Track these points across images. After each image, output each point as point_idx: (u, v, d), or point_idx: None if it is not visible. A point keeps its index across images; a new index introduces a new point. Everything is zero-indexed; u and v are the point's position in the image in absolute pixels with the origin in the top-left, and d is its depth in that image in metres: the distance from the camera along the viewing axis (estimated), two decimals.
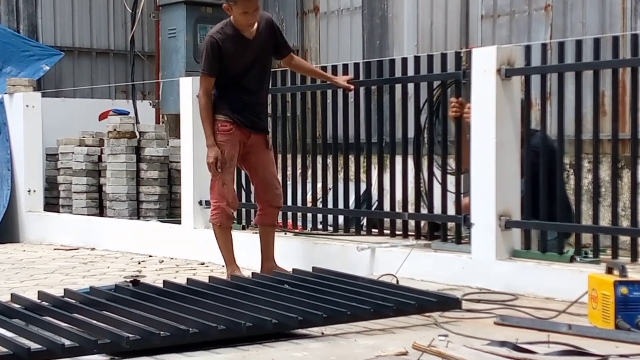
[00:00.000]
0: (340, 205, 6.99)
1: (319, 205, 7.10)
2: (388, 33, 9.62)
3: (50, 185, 9.93)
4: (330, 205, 7.03)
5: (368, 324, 4.46)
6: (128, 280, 5.26)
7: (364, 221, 7.09)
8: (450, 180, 6.13)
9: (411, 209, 6.58)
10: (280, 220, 7.44)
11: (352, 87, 6.35)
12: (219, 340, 4.02)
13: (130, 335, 3.88)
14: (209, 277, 5.33)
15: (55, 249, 8.45)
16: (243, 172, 6.87)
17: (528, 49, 5.79)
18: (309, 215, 7.16)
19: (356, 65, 6.75)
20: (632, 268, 4.70)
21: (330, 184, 7.12)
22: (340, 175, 7.18)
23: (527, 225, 5.65)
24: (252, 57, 5.88)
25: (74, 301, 4.66)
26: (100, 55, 12.20)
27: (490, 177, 5.60)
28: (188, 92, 7.47)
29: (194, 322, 4.06)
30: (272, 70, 6.29)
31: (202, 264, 7.15)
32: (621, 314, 4.22)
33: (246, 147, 5.94)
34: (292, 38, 10.62)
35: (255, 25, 5.86)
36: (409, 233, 6.51)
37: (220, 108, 5.86)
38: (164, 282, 5.16)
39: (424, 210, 6.37)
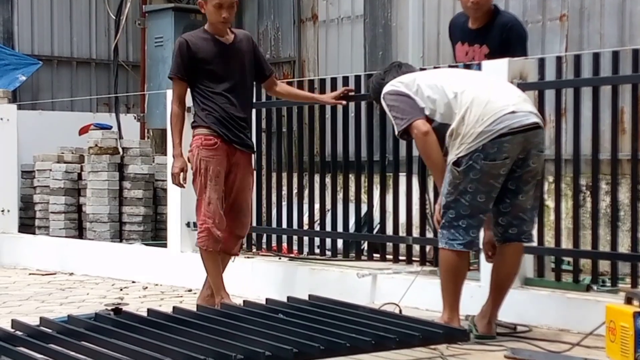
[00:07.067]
0: (340, 228, 7.01)
1: (317, 228, 7.11)
2: (392, 43, 9.65)
3: (26, 204, 9.93)
4: (328, 228, 7.04)
5: (369, 357, 4.46)
6: (109, 308, 5.27)
7: (365, 245, 7.10)
8: None
9: (416, 232, 6.59)
10: (274, 244, 7.44)
11: (344, 102, 6.35)
12: None
13: None
14: (197, 305, 5.33)
15: (30, 274, 8.44)
16: None
17: (542, 62, 5.82)
18: (306, 238, 7.17)
19: (357, 77, 6.78)
20: None
21: (328, 205, 7.13)
22: (340, 196, 7.20)
23: (540, 252, 5.66)
24: (233, 65, 5.87)
25: (50, 331, 4.65)
26: (81, 65, 12.24)
27: None
28: None
29: (180, 354, 4.06)
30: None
31: (190, 290, 7.15)
32: None
33: (230, 165, 5.90)
34: (289, 48, 10.67)
35: (233, 35, 5.89)
36: (413, 259, 6.52)
37: (204, 121, 5.83)
38: (148, 310, 5.15)
39: (429, 234, 6.39)
